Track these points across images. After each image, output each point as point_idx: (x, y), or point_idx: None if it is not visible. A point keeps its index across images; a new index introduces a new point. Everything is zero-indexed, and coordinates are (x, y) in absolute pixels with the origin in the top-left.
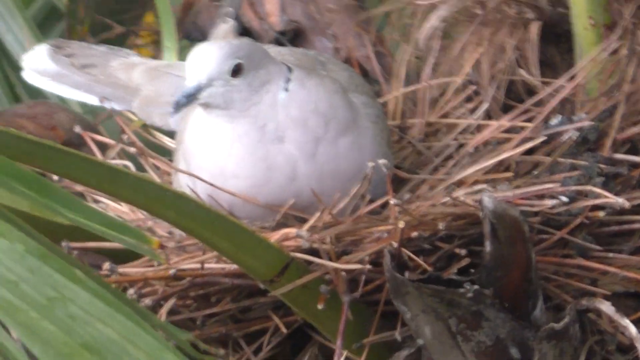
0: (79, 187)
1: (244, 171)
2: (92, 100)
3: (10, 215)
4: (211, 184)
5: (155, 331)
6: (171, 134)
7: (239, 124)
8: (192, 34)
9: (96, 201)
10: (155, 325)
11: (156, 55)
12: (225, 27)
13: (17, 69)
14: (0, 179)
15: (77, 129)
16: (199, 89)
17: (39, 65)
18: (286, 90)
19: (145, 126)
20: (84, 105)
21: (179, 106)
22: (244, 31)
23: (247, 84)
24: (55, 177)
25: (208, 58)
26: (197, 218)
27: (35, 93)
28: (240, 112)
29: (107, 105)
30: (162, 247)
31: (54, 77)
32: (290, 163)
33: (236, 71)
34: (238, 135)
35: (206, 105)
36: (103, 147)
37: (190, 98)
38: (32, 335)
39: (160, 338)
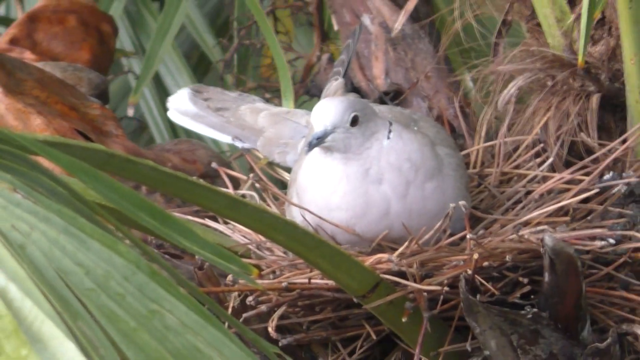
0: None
1: (346, 204)
2: (224, 139)
3: (133, 238)
4: (317, 216)
5: (247, 342)
6: (287, 169)
7: (350, 165)
8: (311, 90)
9: (226, 222)
10: (249, 337)
11: (280, 105)
12: (335, 84)
13: None
14: (131, 210)
15: (214, 164)
16: (325, 134)
17: (181, 106)
18: (388, 138)
19: (269, 163)
20: (217, 145)
21: (312, 146)
22: (354, 89)
23: (361, 133)
24: None
25: (332, 109)
26: (303, 242)
27: (187, 133)
28: (355, 154)
29: (238, 143)
30: (260, 277)
31: (194, 117)
32: (385, 201)
33: (354, 121)
34: (347, 174)
35: (328, 149)
36: (234, 179)
37: (319, 140)
38: (129, 342)
39: (245, 348)
